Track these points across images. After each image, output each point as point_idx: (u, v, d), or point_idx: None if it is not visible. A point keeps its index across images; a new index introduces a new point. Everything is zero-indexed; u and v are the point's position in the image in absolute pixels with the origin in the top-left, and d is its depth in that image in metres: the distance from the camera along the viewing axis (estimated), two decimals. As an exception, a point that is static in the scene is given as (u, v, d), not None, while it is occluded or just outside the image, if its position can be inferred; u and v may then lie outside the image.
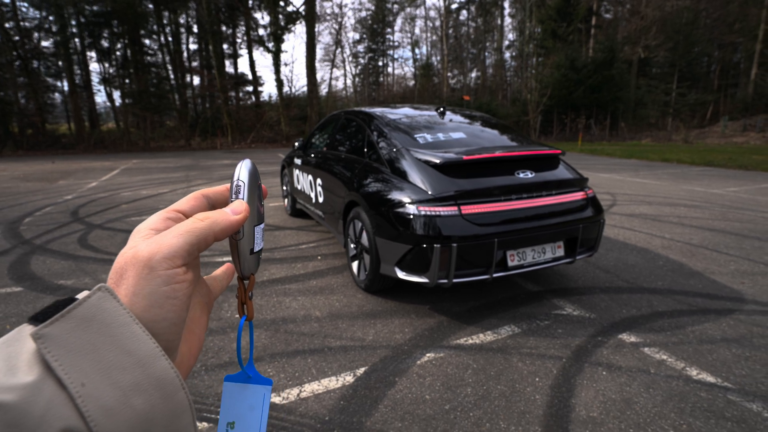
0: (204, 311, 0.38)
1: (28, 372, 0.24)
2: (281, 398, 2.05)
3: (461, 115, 3.97)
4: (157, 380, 0.27)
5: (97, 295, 0.27)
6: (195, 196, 0.37)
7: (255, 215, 0.38)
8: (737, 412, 1.92)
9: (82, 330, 0.26)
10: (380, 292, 3.25)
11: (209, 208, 0.37)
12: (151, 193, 7.99)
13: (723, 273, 3.58)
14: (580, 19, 29.29)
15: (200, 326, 0.37)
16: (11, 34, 23.21)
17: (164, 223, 0.33)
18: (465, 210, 2.66)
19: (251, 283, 0.39)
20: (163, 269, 0.29)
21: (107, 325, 0.26)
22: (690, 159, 13.34)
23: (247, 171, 0.38)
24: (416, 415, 1.93)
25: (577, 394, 2.06)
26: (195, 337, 0.36)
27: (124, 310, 0.27)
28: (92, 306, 0.26)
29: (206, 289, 0.39)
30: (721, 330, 2.63)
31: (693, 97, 30.75)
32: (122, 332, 0.26)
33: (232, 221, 0.34)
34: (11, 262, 4.00)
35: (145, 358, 0.27)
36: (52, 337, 0.25)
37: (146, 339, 0.27)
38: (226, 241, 0.44)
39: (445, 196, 2.68)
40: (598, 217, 3.09)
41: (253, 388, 0.40)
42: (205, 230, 0.32)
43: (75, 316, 0.26)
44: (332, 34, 46.34)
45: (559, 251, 2.93)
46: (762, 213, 5.78)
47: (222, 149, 22.46)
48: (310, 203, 4.63)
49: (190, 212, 0.36)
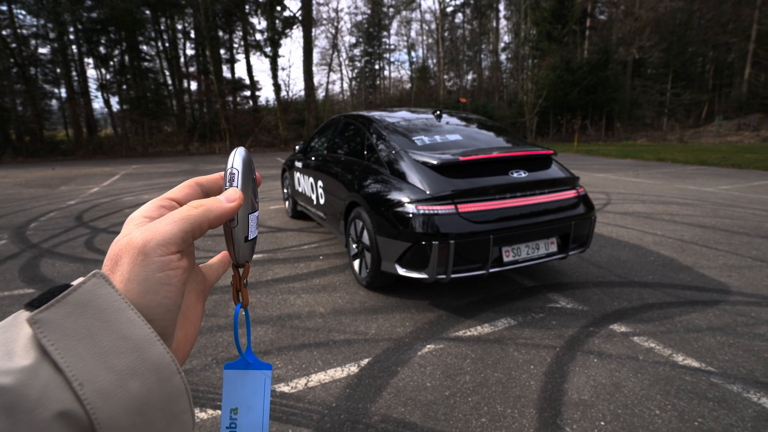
0: (199, 298, 0.38)
1: (25, 356, 0.24)
2: (290, 387, 2.17)
3: (457, 117, 4.11)
4: (152, 364, 0.27)
5: (92, 281, 0.27)
6: (188, 184, 0.37)
7: (249, 203, 0.38)
8: (719, 393, 2.04)
9: (78, 315, 0.26)
10: (381, 289, 3.37)
11: (203, 196, 0.38)
12: (152, 197, 8.07)
13: (711, 267, 3.71)
14: (574, 20, 29.56)
15: (196, 313, 0.37)
16: (8, 42, 23.34)
17: (158, 210, 0.33)
18: (462, 208, 2.79)
19: (246, 271, 0.40)
20: (158, 256, 0.29)
21: (102, 310, 0.27)
22: (684, 158, 13.52)
23: (240, 159, 0.38)
24: (418, 401, 2.05)
25: (570, 380, 2.18)
26: (191, 324, 0.36)
27: (119, 296, 0.27)
28: (87, 292, 0.27)
29: (201, 277, 0.40)
30: (707, 319, 2.76)
31: (688, 97, 31.03)
32: (117, 317, 0.27)
33: (226, 208, 0.34)
34: (21, 265, 4.11)
35: (140, 343, 0.27)
36: (47, 322, 0.25)
37: (141, 324, 0.27)
38: (222, 241, 0.44)
39: (442, 196, 2.80)
40: (589, 214, 3.22)
41: (253, 373, 0.41)
42: (199, 217, 0.32)
43: (70, 301, 0.26)
44: (329, 38, 46.57)
45: (552, 247, 3.06)
46: (752, 210, 5.92)
47: (220, 154, 22.57)
48: (311, 205, 4.74)
49: (183, 200, 0.36)
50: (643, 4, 31.31)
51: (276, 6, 25.76)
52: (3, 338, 0.25)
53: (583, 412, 1.94)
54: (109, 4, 23.11)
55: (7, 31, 23.68)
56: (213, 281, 0.41)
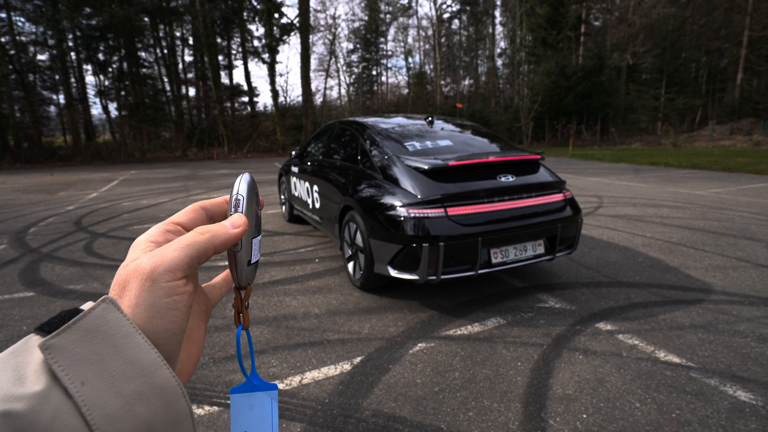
0: (202, 319, 0.39)
1: (36, 382, 0.24)
2: (284, 385, 2.24)
3: (448, 123, 4.23)
4: (159, 389, 0.28)
5: (102, 306, 0.28)
6: (193, 208, 0.38)
7: (253, 228, 0.39)
8: (696, 387, 2.12)
9: (87, 341, 0.26)
10: (375, 290, 3.46)
11: (207, 220, 0.39)
12: (151, 202, 8.17)
13: (697, 267, 3.81)
14: (569, 27, 29.91)
15: (198, 334, 0.38)
16: (7, 49, 23.45)
17: (163, 235, 0.34)
18: (451, 211, 2.89)
19: (247, 293, 0.41)
20: (165, 281, 0.30)
21: (111, 335, 0.27)
22: (677, 162, 13.68)
23: (246, 184, 0.39)
24: (408, 396, 2.12)
25: (555, 376, 2.26)
26: (194, 345, 0.37)
27: (128, 321, 0.28)
28: (97, 317, 0.27)
29: (204, 298, 0.41)
30: (690, 317, 2.85)
31: (681, 101, 31.38)
32: (126, 342, 0.27)
33: (231, 234, 0.35)
34: (21, 269, 4.17)
35: (147, 368, 0.28)
36: (58, 348, 0.26)
37: (149, 349, 0.28)
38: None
39: (432, 199, 2.90)
40: (576, 216, 3.33)
41: (259, 395, 0.41)
42: (205, 244, 0.33)
43: (80, 327, 0.27)
44: (326, 45, 46.91)
45: (540, 249, 3.17)
46: (740, 212, 6.04)
47: (218, 159, 22.66)
48: (307, 209, 4.84)
49: (188, 224, 0.37)
50: (637, 10, 31.70)
51: (274, 13, 25.95)
52: (15, 363, 0.25)
53: (567, 405, 2.02)
54: (108, 12, 23.25)
55: (6, 38, 23.81)
56: (216, 301, 0.42)
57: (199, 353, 0.37)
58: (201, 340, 0.38)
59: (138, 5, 24.42)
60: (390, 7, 44.94)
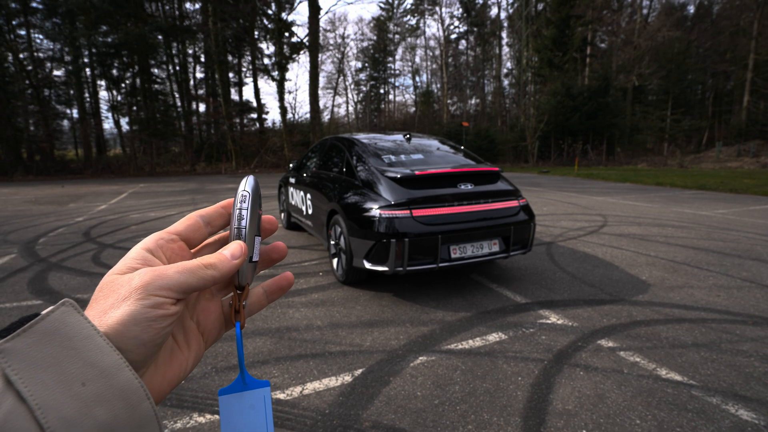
0: (192, 350, 0.38)
1: None
2: (285, 395, 2.25)
3: (423, 139, 4.74)
4: (120, 390, 0.27)
5: (61, 309, 0.27)
6: (190, 216, 0.40)
7: (255, 227, 0.40)
8: (698, 405, 2.11)
9: (44, 344, 0.26)
10: (355, 283, 3.89)
11: (204, 227, 0.40)
12: (159, 215, 8.28)
13: (701, 287, 3.79)
14: (575, 48, 30.26)
15: (180, 362, 0.37)
16: (25, 65, 24.16)
17: (155, 243, 0.36)
18: (415, 213, 3.37)
19: (245, 294, 0.41)
20: (155, 295, 0.31)
21: (70, 338, 0.27)
22: (683, 183, 13.65)
23: (251, 184, 0.42)
24: (408, 409, 2.13)
25: (555, 391, 2.26)
26: (174, 370, 0.36)
27: (88, 324, 0.27)
28: (55, 320, 0.27)
29: (214, 327, 0.40)
30: (693, 336, 2.84)
31: (687, 123, 31.42)
32: (85, 344, 0.27)
33: (232, 266, 0.37)
34: (30, 278, 4.24)
35: (108, 369, 0.27)
36: (12, 352, 0.25)
37: (110, 351, 0.27)
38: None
39: (400, 203, 3.40)
40: (529, 221, 3.79)
41: (251, 393, 0.40)
42: (206, 277, 0.34)
43: (37, 330, 0.26)
44: (335, 63, 47.74)
45: (495, 247, 3.62)
46: (746, 233, 6.01)
47: (226, 174, 22.95)
48: (302, 215, 5.33)
49: (185, 232, 0.38)
50: (642, 33, 32.12)
51: (284, 32, 26.58)
52: None
53: (566, 421, 2.02)
54: (123, 30, 23.98)
55: (24, 54, 24.55)
56: (214, 341, 0.42)
57: (179, 380, 0.36)
58: (182, 370, 0.36)
59: (153, 24, 25.20)
60: (398, 27, 45.88)
